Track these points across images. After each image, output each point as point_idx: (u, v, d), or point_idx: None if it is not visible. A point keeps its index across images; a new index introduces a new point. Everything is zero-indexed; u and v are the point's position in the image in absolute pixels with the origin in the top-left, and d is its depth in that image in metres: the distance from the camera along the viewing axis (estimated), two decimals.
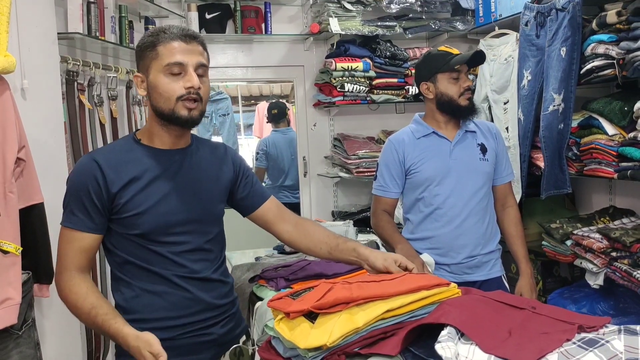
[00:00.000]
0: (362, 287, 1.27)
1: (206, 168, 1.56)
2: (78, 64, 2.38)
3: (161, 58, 1.41)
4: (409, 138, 2.21)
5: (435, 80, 2.14)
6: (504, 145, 2.29)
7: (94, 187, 1.41)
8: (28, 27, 1.98)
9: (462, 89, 2.11)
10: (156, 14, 3.23)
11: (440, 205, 2.14)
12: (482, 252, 2.15)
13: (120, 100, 2.88)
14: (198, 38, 1.45)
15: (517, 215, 2.29)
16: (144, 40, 1.45)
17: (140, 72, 1.47)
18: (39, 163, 1.90)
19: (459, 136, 2.18)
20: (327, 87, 3.55)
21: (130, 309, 1.47)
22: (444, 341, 1.02)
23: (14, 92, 1.83)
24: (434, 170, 2.14)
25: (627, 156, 2.29)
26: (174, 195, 1.47)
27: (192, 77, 1.40)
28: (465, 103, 2.12)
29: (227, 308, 1.58)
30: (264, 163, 4.83)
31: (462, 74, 2.12)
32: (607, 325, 1.10)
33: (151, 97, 1.45)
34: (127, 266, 1.47)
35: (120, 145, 1.53)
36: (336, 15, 3.39)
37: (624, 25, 2.25)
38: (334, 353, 1.14)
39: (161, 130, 1.48)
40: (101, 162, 1.43)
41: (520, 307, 1.21)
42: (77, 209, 1.42)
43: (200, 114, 1.45)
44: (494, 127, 2.32)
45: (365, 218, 3.54)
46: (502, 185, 2.27)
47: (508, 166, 2.29)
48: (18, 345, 1.75)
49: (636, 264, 2.25)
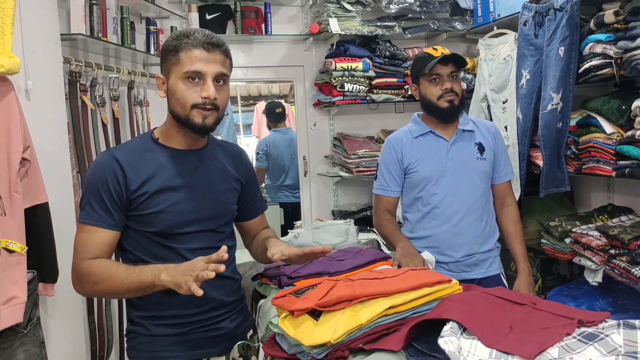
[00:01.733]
0: (364, 285, 1.29)
1: (221, 169, 1.60)
2: (80, 64, 2.39)
3: (182, 65, 1.42)
4: (407, 137, 2.24)
5: (418, 83, 2.20)
6: (503, 144, 2.30)
7: (113, 184, 1.42)
8: (31, 28, 1.99)
9: (441, 91, 2.12)
10: (157, 15, 3.25)
11: (438, 204, 2.16)
12: (480, 250, 2.17)
13: (122, 100, 2.90)
14: (221, 46, 1.46)
15: (516, 214, 2.30)
16: (168, 43, 1.46)
17: (162, 73, 1.50)
18: (43, 163, 1.91)
19: (456, 135, 2.19)
20: (326, 86, 3.57)
21: (143, 306, 1.50)
22: (447, 336, 1.04)
23: (19, 93, 1.84)
24: (431, 169, 2.16)
25: (625, 154, 2.30)
26: (191, 195, 1.49)
27: (209, 88, 1.42)
28: (444, 105, 2.13)
29: (237, 304, 1.62)
30: (265, 163, 4.84)
31: (444, 76, 2.13)
32: (606, 320, 1.12)
33: (169, 100, 1.48)
34: (141, 264, 1.46)
35: (138, 143, 1.54)
36: (336, 15, 3.40)
37: (621, 25, 2.27)
38: (338, 349, 1.16)
39: (178, 132, 1.51)
40: (121, 159, 1.45)
41: (520, 302, 1.23)
42: (98, 206, 1.43)
43: (216, 121, 1.47)
44: (493, 125, 2.33)
45: (366, 217, 3.55)
46: (501, 184, 2.28)
47: (507, 165, 2.30)
48: (23, 343, 1.76)
49: (634, 261, 2.27)
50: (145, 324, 1.50)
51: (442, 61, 2.12)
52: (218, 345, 1.55)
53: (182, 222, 1.48)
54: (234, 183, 1.63)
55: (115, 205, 1.43)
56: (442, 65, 2.13)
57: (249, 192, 1.70)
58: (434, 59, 2.11)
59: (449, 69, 2.14)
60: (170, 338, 1.49)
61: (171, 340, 1.49)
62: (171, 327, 1.47)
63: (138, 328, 1.51)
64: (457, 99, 2.15)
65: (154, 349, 1.49)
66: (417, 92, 2.23)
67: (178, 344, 1.49)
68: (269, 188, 4.97)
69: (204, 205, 1.52)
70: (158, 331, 1.49)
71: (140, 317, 1.50)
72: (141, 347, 1.51)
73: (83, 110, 2.48)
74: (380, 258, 1.86)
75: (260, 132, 6.28)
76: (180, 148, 1.53)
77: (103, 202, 1.42)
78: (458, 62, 2.16)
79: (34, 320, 1.82)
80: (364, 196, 3.85)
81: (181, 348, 1.49)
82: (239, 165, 1.67)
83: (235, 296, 1.62)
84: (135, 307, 1.52)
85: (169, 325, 1.48)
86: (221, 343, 1.56)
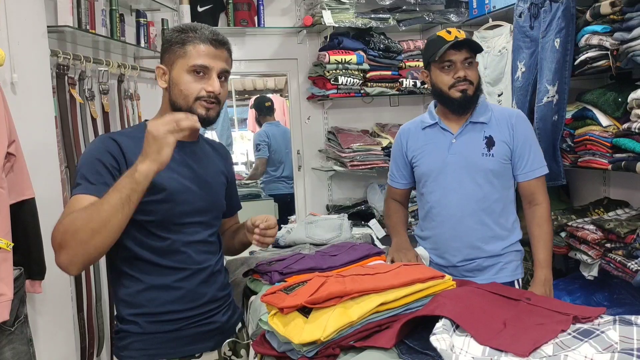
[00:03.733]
0: (355, 281, 1.26)
1: (212, 163, 1.64)
2: (68, 57, 2.35)
3: (189, 58, 1.45)
4: (415, 128, 2.10)
5: (430, 69, 2.01)
6: (527, 136, 2.02)
7: (111, 161, 1.39)
8: (17, 20, 1.96)
9: (454, 79, 1.94)
10: (147, 7, 3.20)
11: (435, 204, 2.03)
12: (482, 255, 1.99)
13: (112, 94, 2.86)
14: (227, 45, 1.51)
15: (544, 214, 2.03)
16: (173, 36, 1.48)
17: (163, 64, 1.51)
18: (30, 158, 1.88)
19: (463, 128, 2.00)
20: (320, 80, 3.54)
21: (135, 303, 1.48)
22: (439, 333, 1.02)
23: (4, 86, 1.82)
24: (430, 165, 2.03)
25: (621, 147, 2.29)
26: (189, 185, 1.50)
27: (214, 83, 1.46)
28: (456, 95, 1.94)
29: (227, 298, 1.64)
30: (266, 153, 4.90)
31: (457, 63, 1.93)
32: (602, 316, 1.10)
33: (171, 91, 1.49)
34: (134, 261, 1.46)
35: (135, 132, 1.52)
36: (329, 7, 3.37)
37: (617, 16, 2.25)
38: (329, 347, 1.14)
39: None
40: (120, 142, 1.44)
41: (514, 298, 1.22)
42: (93, 178, 1.36)
43: (217, 114, 1.51)
44: (515, 115, 2.05)
45: (360, 212, 3.53)
46: (526, 181, 2.02)
47: (535, 160, 2.02)
48: (11, 341, 1.74)
49: (630, 254, 2.26)
50: (139, 321, 1.47)
51: (456, 46, 1.91)
52: (211, 340, 1.55)
53: (180, 212, 1.47)
54: (223, 179, 1.67)
55: (111, 179, 1.36)
56: (455, 51, 1.92)
57: (231, 190, 1.75)
58: (446, 43, 1.91)
59: (463, 55, 1.93)
60: (164, 335, 1.48)
61: (165, 337, 1.48)
62: (165, 323, 1.46)
63: (130, 326, 1.48)
64: (471, 88, 1.95)
65: (147, 347, 1.47)
66: (428, 79, 2.04)
67: (172, 340, 1.48)
68: (266, 181, 5.01)
69: (201, 196, 1.53)
70: (152, 328, 1.47)
71: (132, 314, 1.48)
72: (133, 346, 1.48)
73: (71, 104, 2.44)
74: (373, 253, 1.83)
75: (256, 126, 6.29)
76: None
77: (99, 174, 1.37)
78: (474, 47, 1.96)
79: (21, 318, 1.80)
80: (358, 190, 3.84)
81: (175, 345, 1.48)
82: (225, 163, 1.72)
83: (225, 290, 1.63)
84: (127, 305, 1.49)
85: (163, 322, 1.47)
86: (214, 337, 1.56)
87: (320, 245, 2.17)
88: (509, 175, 2.02)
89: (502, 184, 2.00)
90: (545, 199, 2.04)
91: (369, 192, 3.70)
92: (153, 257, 1.46)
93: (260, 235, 1.62)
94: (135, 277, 1.47)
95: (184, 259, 1.49)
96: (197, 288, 1.51)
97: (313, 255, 1.88)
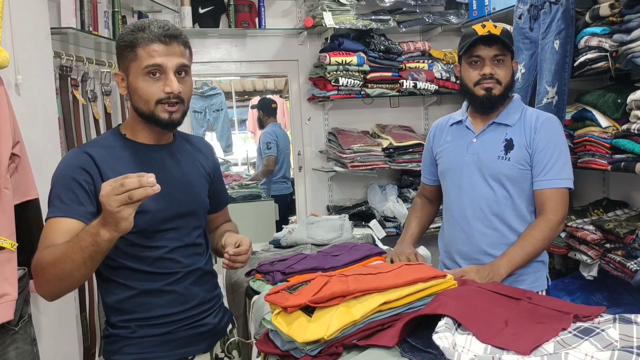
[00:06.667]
0: (358, 280, 1.27)
1: (192, 162, 1.57)
2: (71, 59, 2.37)
3: (140, 60, 1.37)
4: (445, 124, 2.03)
5: (460, 63, 1.92)
6: (548, 142, 1.82)
7: (84, 176, 1.35)
8: (21, 22, 1.97)
9: (479, 76, 1.82)
10: (149, 9, 3.22)
11: (450, 205, 1.96)
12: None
13: (114, 95, 2.87)
14: (180, 37, 1.40)
15: (543, 223, 1.79)
16: (123, 39, 1.40)
17: (120, 70, 1.44)
18: (34, 159, 1.89)
19: (486, 128, 1.89)
20: (321, 81, 3.55)
21: (126, 310, 1.44)
22: (442, 331, 1.02)
23: (8, 88, 1.83)
24: (449, 163, 1.95)
25: (620, 148, 2.30)
26: (169, 192, 1.44)
27: (172, 82, 1.37)
28: (480, 93, 1.83)
29: (218, 299, 1.61)
30: (275, 151, 4.94)
31: (485, 59, 1.82)
32: (602, 315, 1.11)
33: (131, 97, 1.42)
34: (121, 270, 1.43)
35: (108, 140, 1.48)
36: (330, 9, 3.38)
37: (617, 18, 2.26)
38: (332, 345, 1.15)
39: (144, 128, 1.47)
40: (93, 154, 1.39)
41: (516, 297, 1.22)
42: (66, 197, 1.33)
43: (182, 114, 1.43)
44: (544, 119, 1.86)
45: (361, 212, 3.55)
46: (539, 190, 1.81)
47: (555, 170, 1.81)
48: (15, 341, 1.75)
49: (630, 255, 2.27)
50: (131, 325, 1.44)
51: (486, 41, 1.80)
52: (203, 342, 1.52)
53: (162, 219, 1.42)
54: (205, 176, 1.60)
55: (85, 197, 1.34)
56: (485, 46, 1.81)
57: (216, 185, 1.68)
58: (474, 37, 1.81)
59: (493, 51, 1.81)
60: (156, 338, 1.44)
61: (157, 341, 1.45)
62: (157, 327, 1.43)
63: (120, 331, 1.45)
64: (498, 88, 1.82)
65: (139, 352, 1.44)
66: (459, 73, 1.95)
67: (164, 343, 1.45)
68: (269, 181, 5.04)
69: (182, 200, 1.48)
70: (143, 332, 1.44)
71: (123, 320, 1.44)
72: (124, 350, 1.44)
73: (74, 105, 2.45)
74: (375, 253, 1.85)
75: (256, 127, 6.30)
76: (149, 143, 1.48)
77: (73, 192, 1.33)
78: (506, 43, 1.82)
79: (25, 318, 1.80)
80: (358, 191, 3.84)
81: (167, 348, 1.45)
82: (207, 158, 1.64)
83: (215, 291, 1.59)
84: (117, 312, 1.45)
85: (155, 326, 1.43)
86: (206, 339, 1.53)
87: (321, 245, 2.19)
88: (527, 182, 1.85)
89: (518, 190, 1.85)
90: (555, 215, 1.79)
91: (370, 192, 3.71)
92: (140, 266, 1.42)
93: (230, 260, 1.53)
94: (124, 284, 1.43)
95: (172, 265, 1.45)
96: (188, 290, 1.48)
97: (315, 255, 1.90)
